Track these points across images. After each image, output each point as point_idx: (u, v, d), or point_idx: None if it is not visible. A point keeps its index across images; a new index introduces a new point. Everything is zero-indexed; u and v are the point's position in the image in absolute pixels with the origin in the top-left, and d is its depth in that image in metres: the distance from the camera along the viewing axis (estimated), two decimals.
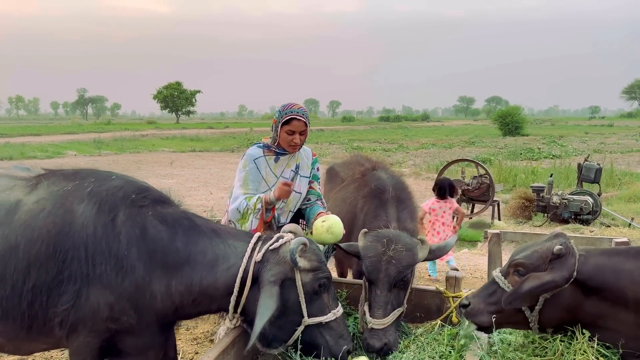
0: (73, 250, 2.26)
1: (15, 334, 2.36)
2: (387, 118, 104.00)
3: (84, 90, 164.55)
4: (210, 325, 4.38)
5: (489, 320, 2.45)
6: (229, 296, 2.48)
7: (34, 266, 2.25)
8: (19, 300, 2.26)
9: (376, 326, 2.84)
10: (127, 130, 47.47)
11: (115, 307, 2.28)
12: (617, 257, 2.27)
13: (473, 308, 2.52)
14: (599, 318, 2.27)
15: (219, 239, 2.54)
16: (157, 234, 2.39)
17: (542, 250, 2.35)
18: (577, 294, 2.27)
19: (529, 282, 2.28)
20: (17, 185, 2.52)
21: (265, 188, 3.48)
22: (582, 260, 2.28)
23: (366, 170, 4.04)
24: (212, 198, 12.24)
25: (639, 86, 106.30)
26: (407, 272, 2.96)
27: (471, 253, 7.72)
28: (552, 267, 2.28)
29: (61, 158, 22.59)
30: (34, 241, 2.27)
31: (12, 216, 2.34)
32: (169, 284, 2.38)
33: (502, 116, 43.42)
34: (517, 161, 19.92)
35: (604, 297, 2.23)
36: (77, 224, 2.29)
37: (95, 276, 2.25)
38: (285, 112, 3.40)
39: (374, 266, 2.94)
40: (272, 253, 2.53)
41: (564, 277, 2.23)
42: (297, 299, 2.53)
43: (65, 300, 2.25)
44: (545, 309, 2.32)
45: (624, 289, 2.18)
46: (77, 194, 2.38)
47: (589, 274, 2.25)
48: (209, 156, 25.18)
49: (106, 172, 2.60)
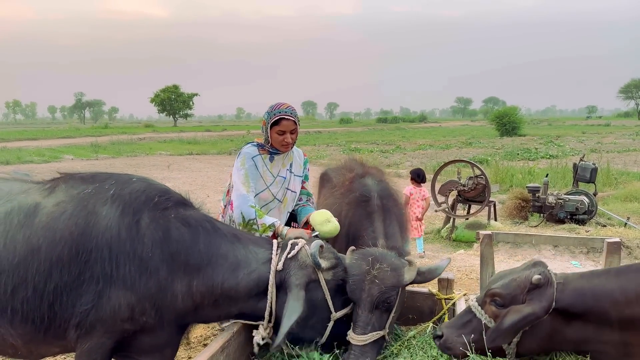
0: (96, 251, 2.29)
1: (32, 336, 2.36)
2: (385, 119, 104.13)
3: (82, 94, 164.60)
4: (204, 330, 4.36)
5: (462, 352, 2.39)
6: (249, 300, 2.56)
7: (55, 267, 2.28)
8: (40, 302, 2.28)
9: (354, 342, 2.71)
10: (124, 134, 47.40)
11: (137, 308, 2.32)
12: (597, 279, 2.24)
13: (447, 339, 2.47)
14: (582, 342, 2.24)
15: (240, 244, 2.62)
16: (180, 236, 2.44)
17: (520, 279, 2.30)
18: (557, 322, 2.23)
19: (510, 317, 2.23)
20: (32, 189, 2.55)
21: (263, 187, 3.50)
22: (561, 288, 2.24)
23: (355, 176, 3.96)
24: (209, 201, 12.15)
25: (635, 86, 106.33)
26: (391, 294, 2.78)
27: (467, 254, 7.71)
28: (531, 297, 2.23)
29: (58, 162, 22.53)
30: (56, 243, 2.29)
31: (32, 219, 2.36)
32: (191, 284, 2.43)
33: (499, 117, 43.46)
34: (514, 161, 19.93)
35: (586, 321, 2.20)
36: (101, 226, 2.33)
37: (119, 277, 2.29)
38: (273, 113, 3.41)
39: (356, 285, 2.78)
40: (291, 260, 2.62)
41: (543, 308, 2.20)
42: (323, 297, 2.64)
43: (85, 301, 2.28)
44: (524, 341, 2.28)
45: (607, 311, 2.15)
46: (99, 197, 2.42)
47: (569, 300, 2.21)
48: (207, 159, 25.15)
49: (126, 175, 2.65)
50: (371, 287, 2.76)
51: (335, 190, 4.02)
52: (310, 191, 3.82)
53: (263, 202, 3.50)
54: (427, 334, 3.00)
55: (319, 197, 4.53)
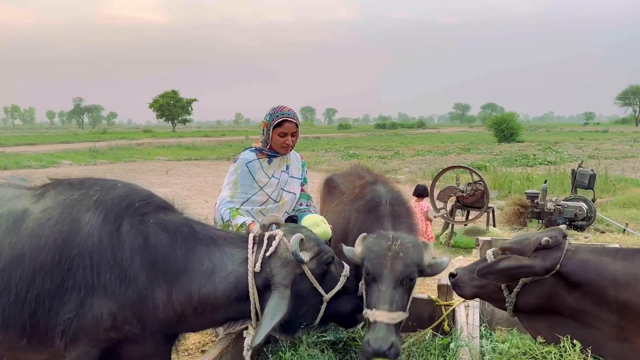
0: (78, 258, 2.26)
1: (16, 344, 2.33)
2: (383, 125, 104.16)
3: (80, 99, 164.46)
4: (202, 336, 4.34)
5: (470, 292, 2.56)
6: (232, 305, 2.46)
7: (39, 274, 2.25)
8: (21, 309, 2.25)
9: (383, 319, 2.43)
10: (123, 139, 47.37)
11: (118, 317, 2.28)
12: (604, 257, 2.28)
13: (458, 279, 2.63)
14: (580, 313, 2.29)
15: (216, 247, 2.52)
16: (158, 243, 2.38)
17: (533, 239, 2.40)
18: (559, 287, 2.30)
19: (507, 261, 2.35)
20: (23, 195, 2.53)
21: (257, 189, 3.51)
22: (569, 255, 2.31)
23: (366, 183, 3.92)
24: (207, 207, 12.19)
25: (633, 92, 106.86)
26: (414, 269, 2.64)
27: (466, 260, 7.70)
28: (536, 255, 2.33)
29: (56, 167, 22.52)
30: (40, 249, 2.27)
31: (19, 225, 2.35)
32: (170, 293, 2.36)
33: (497, 123, 43.55)
34: (513, 167, 19.96)
35: (585, 294, 2.25)
36: (83, 233, 2.30)
37: (100, 285, 2.25)
38: (276, 115, 3.45)
39: (378, 260, 2.62)
40: (271, 258, 2.49)
41: (543, 267, 2.28)
42: (311, 286, 2.57)
43: (68, 309, 2.24)
44: (524, 294, 2.39)
45: (605, 289, 2.18)
46: (83, 203, 2.39)
47: (572, 268, 2.28)
48: (205, 164, 25.16)
49: (112, 181, 2.61)
50: (394, 262, 2.61)
51: (344, 197, 4.00)
52: (309, 194, 3.83)
53: (259, 204, 3.51)
54: (426, 341, 2.98)
55: (324, 203, 4.52)
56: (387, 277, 2.58)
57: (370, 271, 2.63)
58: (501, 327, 3.39)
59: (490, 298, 2.56)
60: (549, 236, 2.35)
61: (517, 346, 2.61)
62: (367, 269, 2.66)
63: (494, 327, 3.36)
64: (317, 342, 2.92)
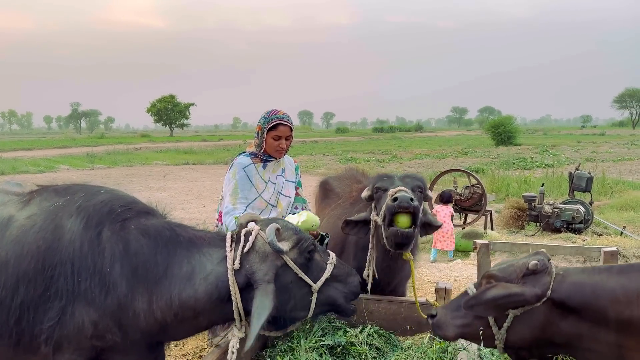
0: (60, 265, 2.22)
1: (2, 352, 2.31)
2: (381, 129, 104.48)
3: (78, 104, 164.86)
4: (199, 341, 4.33)
5: (454, 332, 2.36)
6: (215, 307, 2.39)
7: (22, 282, 2.22)
8: (6, 317, 2.23)
9: (400, 189, 2.99)
10: (120, 144, 47.39)
11: (100, 325, 2.24)
12: (599, 276, 2.16)
13: (439, 319, 2.43)
14: (576, 338, 2.16)
15: (195, 248, 2.46)
16: (139, 249, 2.34)
17: (518, 265, 2.26)
18: (553, 314, 2.16)
19: (495, 290, 2.18)
20: (10, 201, 2.50)
21: (255, 195, 3.52)
22: (559, 279, 2.18)
23: (364, 187, 3.98)
24: (205, 211, 12.17)
25: (629, 95, 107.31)
26: (421, 183, 3.18)
27: (464, 263, 7.71)
28: (525, 282, 2.19)
29: (53, 172, 22.47)
30: (24, 257, 2.24)
31: (3, 232, 2.32)
32: (151, 300, 2.32)
33: (494, 126, 43.62)
34: (510, 171, 19.98)
35: (582, 317, 2.13)
36: (65, 240, 2.26)
37: (80, 292, 2.22)
38: (270, 118, 3.48)
39: (388, 177, 3.22)
40: (248, 254, 2.43)
41: (534, 294, 2.14)
42: (296, 277, 2.49)
43: (50, 317, 2.21)
44: (515, 328, 2.21)
45: (605, 309, 2.08)
46: (66, 210, 2.35)
47: (567, 293, 2.14)
48: (203, 169, 25.15)
49: (96, 187, 2.57)
50: (404, 178, 3.19)
51: (342, 201, 4.02)
52: (304, 198, 3.83)
53: (258, 210, 3.52)
54: (425, 344, 2.98)
55: (319, 206, 4.53)
56: (398, 179, 3.16)
57: (381, 185, 3.15)
58: None
59: (477, 337, 2.31)
60: (536, 259, 2.21)
61: None
62: (380, 185, 3.16)
63: None
64: (316, 346, 2.92)
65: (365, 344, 2.99)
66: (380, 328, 3.21)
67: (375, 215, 3.17)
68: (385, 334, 3.19)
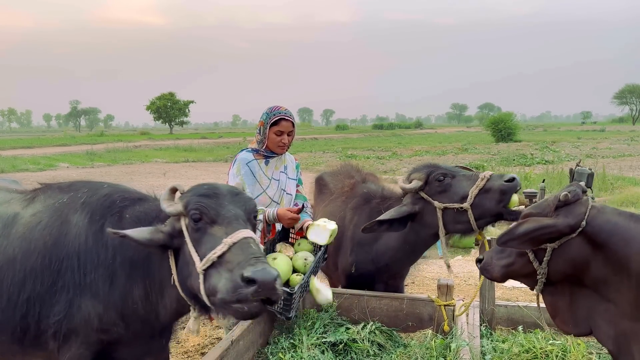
0: (67, 260, 2.27)
1: (8, 347, 2.35)
2: (381, 126, 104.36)
3: (77, 102, 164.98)
4: (201, 339, 4.33)
5: (499, 272, 2.37)
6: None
7: (29, 278, 2.27)
8: (13, 312, 2.27)
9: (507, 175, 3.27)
10: (120, 142, 47.33)
11: (104, 318, 2.27)
12: (634, 223, 2.07)
13: (486, 262, 2.47)
14: (601, 283, 2.10)
15: None
16: None
17: (551, 199, 2.21)
18: (586, 249, 2.09)
19: (526, 224, 2.13)
20: (14, 199, 2.56)
21: (260, 191, 3.53)
22: (594, 213, 2.10)
23: (356, 182, 3.99)
24: None
25: (629, 91, 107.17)
26: None
27: (465, 260, 7.71)
28: (558, 214, 2.13)
29: (53, 170, 22.44)
30: (31, 253, 2.29)
31: (9, 229, 2.37)
32: (145, 286, 2.33)
33: (494, 122, 43.53)
34: (510, 167, 19.96)
35: (608, 260, 2.05)
36: (71, 234, 2.31)
37: (86, 285, 2.26)
38: (273, 114, 3.50)
39: (438, 165, 3.41)
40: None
41: (567, 224, 2.07)
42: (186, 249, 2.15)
43: (58, 311, 2.25)
44: (553, 261, 2.16)
45: (629, 258, 1.99)
46: (71, 206, 2.41)
47: (599, 227, 2.06)
48: (203, 166, 25.13)
49: (99, 183, 2.62)
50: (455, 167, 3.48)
51: (335, 197, 4.02)
52: (305, 195, 3.83)
53: (261, 206, 3.51)
54: (427, 341, 2.98)
55: (315, 202, 4.53)
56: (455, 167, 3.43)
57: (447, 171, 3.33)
58: (501, 327, 3.39)
59: (521, 274, 2.32)
60: (568, 191, 2.15)
61: (520, 344, 2.59)
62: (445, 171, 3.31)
63: (494, 327, 3.36)
64: (318, 343, 2.92)
65: (367, 341, 3.00)
66: (382, 325, 3.22)
67: (446, 202, 3.20)
68: (387, 331, 3.19)
